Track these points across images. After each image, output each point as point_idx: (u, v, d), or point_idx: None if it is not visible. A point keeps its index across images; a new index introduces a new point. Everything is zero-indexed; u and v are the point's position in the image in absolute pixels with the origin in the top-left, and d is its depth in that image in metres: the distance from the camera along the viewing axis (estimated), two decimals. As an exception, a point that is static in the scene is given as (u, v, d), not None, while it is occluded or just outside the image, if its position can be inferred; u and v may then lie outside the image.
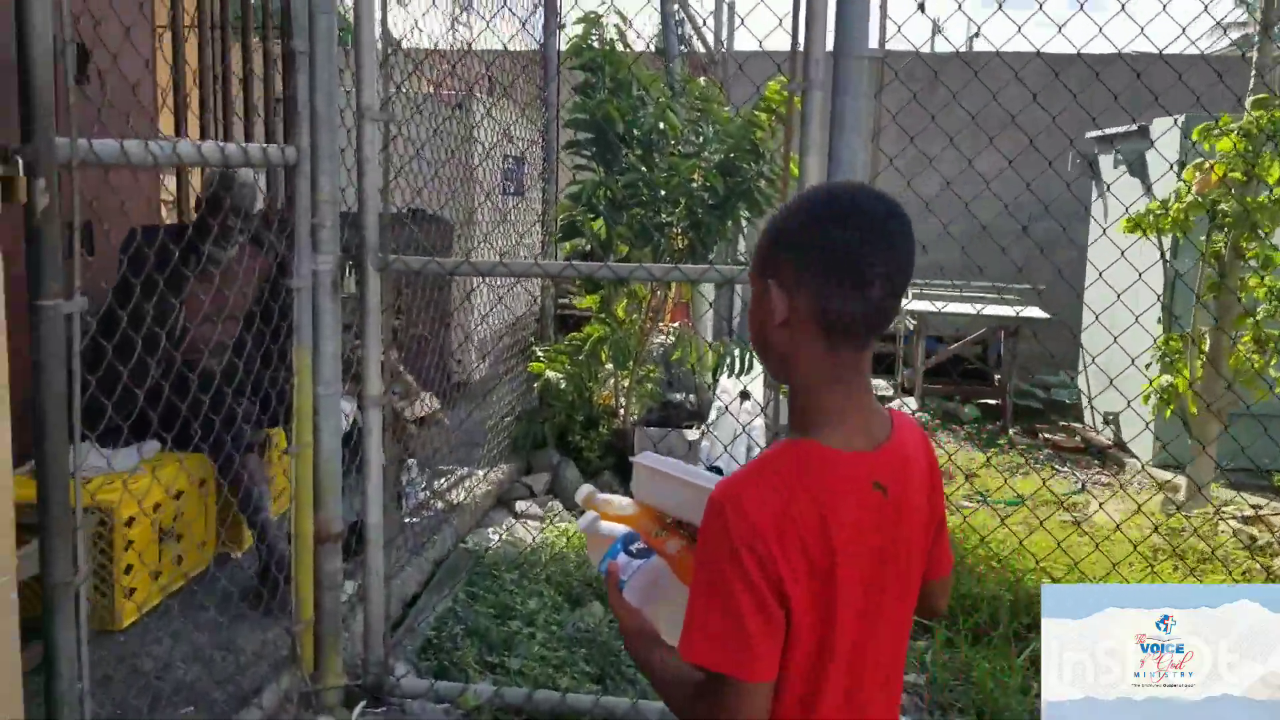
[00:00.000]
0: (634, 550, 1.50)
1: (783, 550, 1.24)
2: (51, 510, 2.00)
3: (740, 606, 1.24)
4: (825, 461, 1.30)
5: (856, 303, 1.30)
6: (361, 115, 2.91)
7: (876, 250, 1.30)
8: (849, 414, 1.34)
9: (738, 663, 1.25)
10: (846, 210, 1.32)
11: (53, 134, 1.93)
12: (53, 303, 1.96)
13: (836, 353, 1.32)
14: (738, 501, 1.25)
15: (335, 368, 3.01)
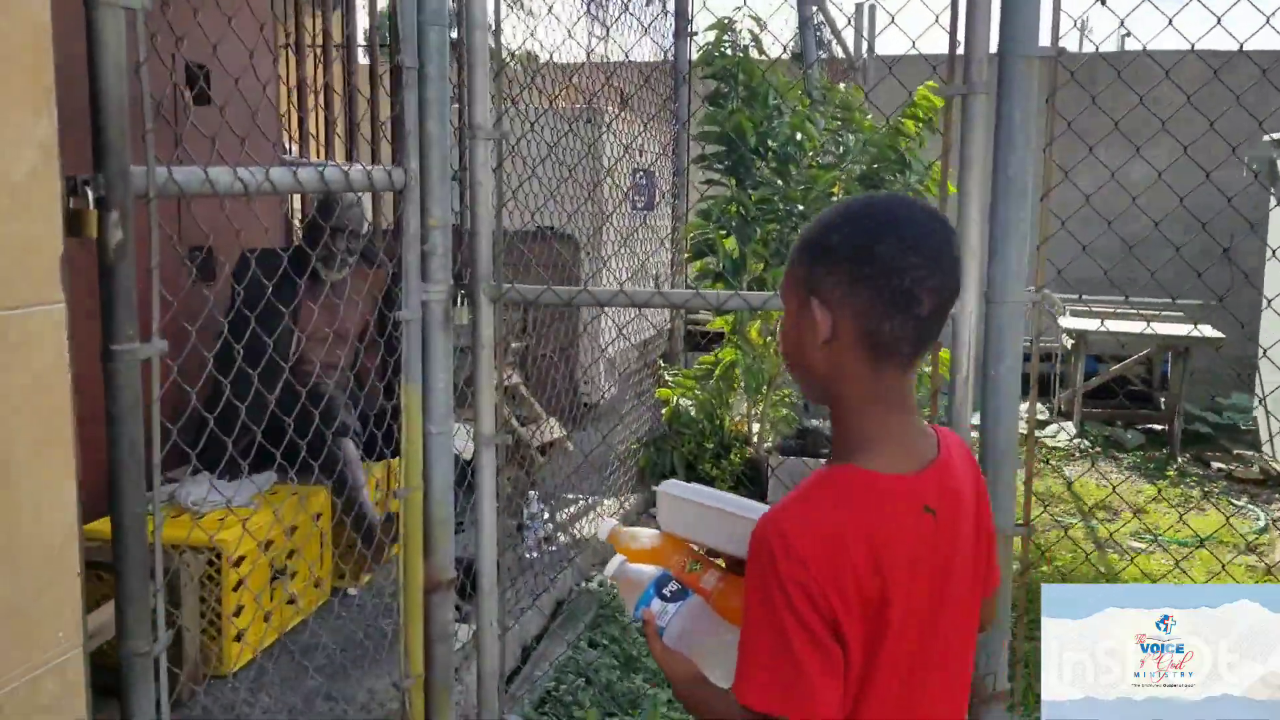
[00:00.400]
0: (668, 594, 1.43)
1: (835, 585, 1.19)
2: (127, 578, 1.82)
3: (795, 645, 1.19)
4: (872, 487, 1.25)
5: (905, 320, 1.24)
6: (474, 134, 2.69)
7: (926, 264, 1.23)
8: (894, 436, 1.29)
9: (797, 705, 1.19)
10: (893, 221, 1.26)
11: (127, 161, 1.75)
12: (127, 347, 1.78)
13: (882, 373, 1.27)
14: (784, 536, 1.20)
15: (448, 405, 2.80)
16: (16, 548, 1.57)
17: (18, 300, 1.55)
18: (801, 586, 1.19)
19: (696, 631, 1.41)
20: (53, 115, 1.61)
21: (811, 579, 1.19)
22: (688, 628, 1.41)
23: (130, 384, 1.78)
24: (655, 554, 1.50)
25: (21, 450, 1.57)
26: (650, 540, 1.53)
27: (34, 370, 1.59)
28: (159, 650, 1.90)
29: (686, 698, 1.38)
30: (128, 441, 1.80)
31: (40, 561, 1.62)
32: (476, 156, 2.71)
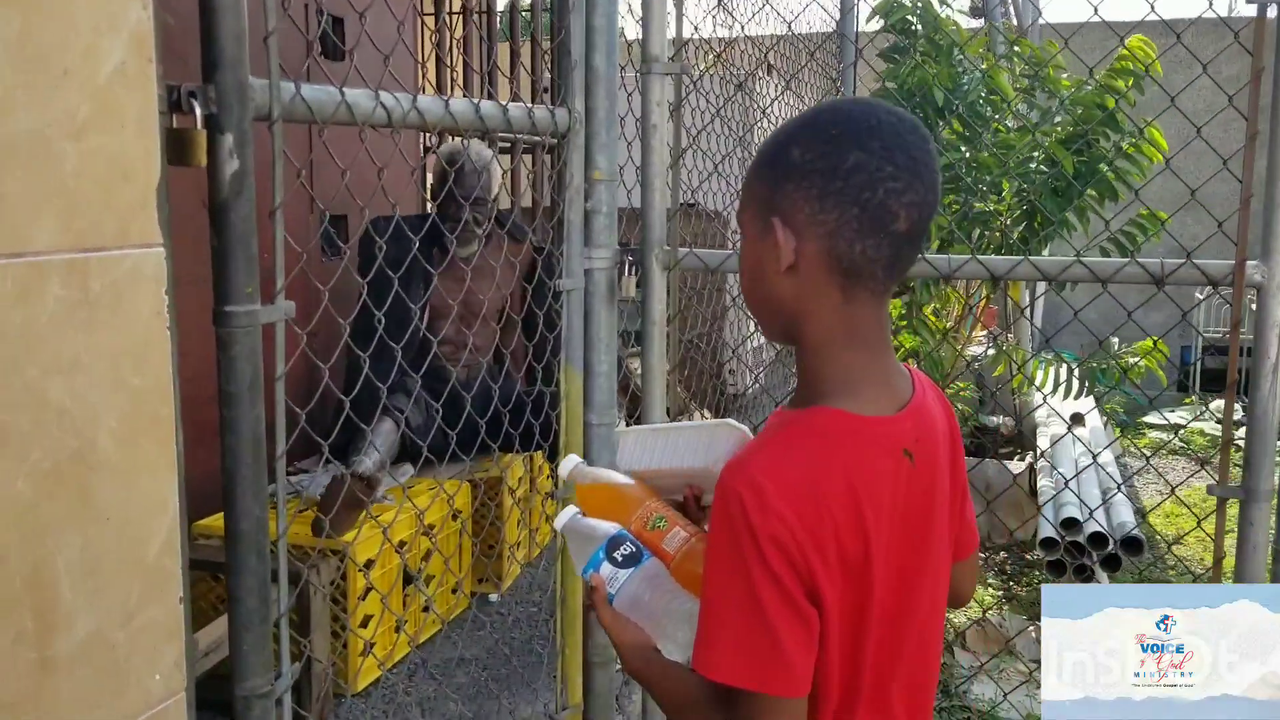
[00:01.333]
0: (619, 558, 1.25)
1: (814, 540, 1.05)
2: (242, 601, 1.44)
3: (769, 611, 1.04)
4: (852, 430, 1.11)
5: (880, 241, 1.09)
6: (648, 67, 2.27)
7: (902, 174, 1.07)
8: (870, 374, 1.15)
9: (770, 677, 1.05)
10: (864, 128, 1.08)
11: (244, 71, 1.37)
12: (245, 308, 1.40)
13: (854, 303, 1.12)
14: (757, 488, 1.04)
15: (611, 392, 2.39)
16: (98, 563, 1.20)
17: (101, 240, 1.18)
18: (777, 543, 1.03)
19: (651, 599, 1.23)
20: (148, 2, 1.23)
21: (789, 535, 1.03)
22: (642, 595, 1.24)
23: (249, 355, 1.40)
24: (615, 505, 1.32)
25: (106, 437, 1.20)
26: (612, 487, 1.34)
27: (123, 332, 1.21)
28: (282, 689, 1.52)
29: (639, 671, 1.21)
30: (246, 427, 1.42)
31: (130, 580, 1.25)
32: (650, 93, 2.29)
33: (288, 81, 1.47)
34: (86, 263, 1.16)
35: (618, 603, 1.24)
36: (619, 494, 1.34)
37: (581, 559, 1.28)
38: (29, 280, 1.10)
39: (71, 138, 1.13)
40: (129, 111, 1.21)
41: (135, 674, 1.26)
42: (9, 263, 1.08)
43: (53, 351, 1.13)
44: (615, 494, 1.34)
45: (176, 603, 1.32)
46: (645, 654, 1.21)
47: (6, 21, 1.06)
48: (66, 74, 1.13)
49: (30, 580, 1.13)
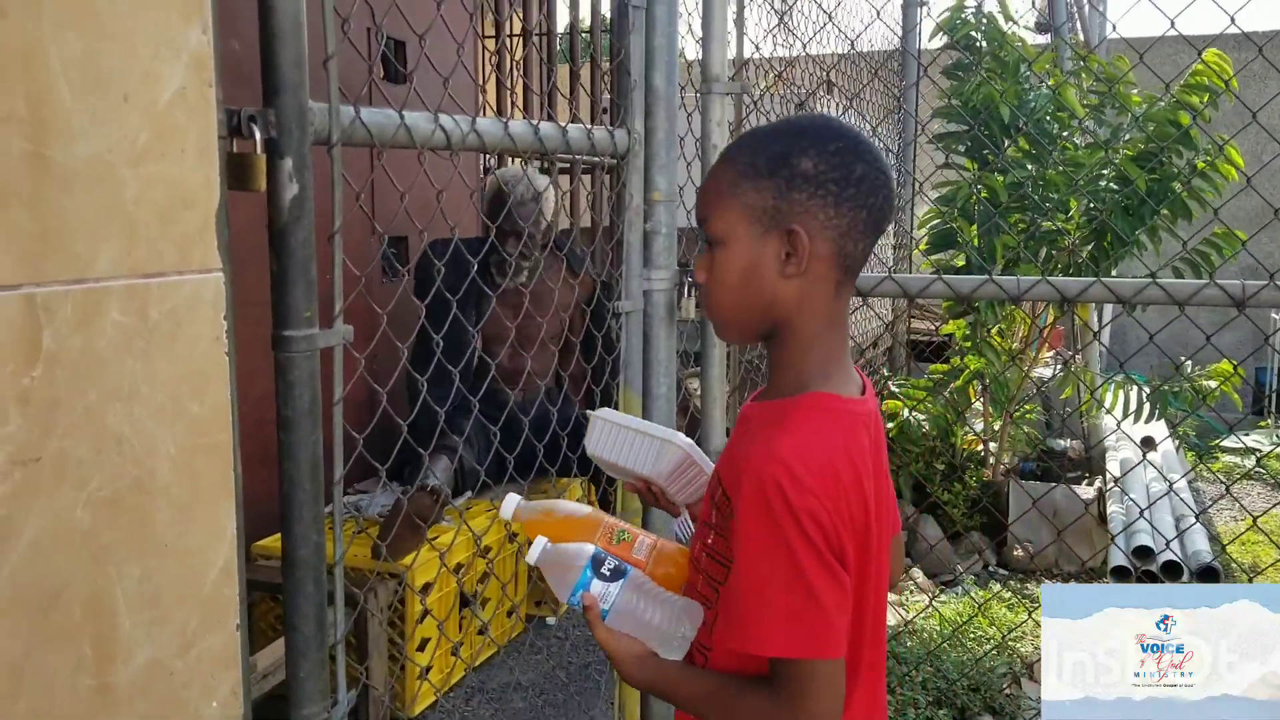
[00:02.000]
0: (607, 573, 1.28)
1: (838, 511, 1.14)
2: (299, 628, 1.43)
3: (814, 581, 1.11)
4: (844, 410, 1.21)
5: (873, 240, 1.23)
6: (708, 87, 2.24)
7: (888, 184, 1.22)
8: (842, 360, 1.26)
9: (822, 642, 1.12)
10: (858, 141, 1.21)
11: (303, 96, 1.36)
12: (304, 332, 1.39)
13: (840, 298, 1.24)
14: (790, 470, 1.12)
15: (670, 415, 2.36)
16: (157, 592, 1.19)
17: (161, 265, 1.17)
18: (815, 518, 1.12)
19: (640, 608, 1.27)
20: (208, 26, 1.22)
21: (823, 509, 1.13)
22: (631, 606, 1.27)
23: (308, 379, 1.39)
24: (573, 529, 1.37)
25: (164, 465, 1.19)
26: (561, 516, 1.40)
27: (182, 359, 1.20)
28: (338, 717, 1.50)
29: (649, 680, 1.26)
30: (304, 453, 1.40)
31: (189, 607, 1.24)
32: (711, 113, 2.26)
33: (347, 105, 1.46)
34: (146, 289, 1.16)
35: (612, 617, 1.27)
36: (573, 519, 1.40)
37: (563, 585, 1.30)
38: (89, 306, 1.09)
39: (131, 163, 1.13)
40: (189, 136, 1.20)
41: (193, 703, 1.25)
42: (70, 289, 1.07)
43: (112, 378, 1.12)
44: (569, 520, 1.39)
45: (234, 630, 1.31)
46: (650, 662, 1.26)
47: (68, 45, 1.05)
48: (127, 99, 1.12)
49: (90, 609, 1.12)
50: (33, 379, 1.04)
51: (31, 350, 1.04)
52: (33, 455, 1.05)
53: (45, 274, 1.05)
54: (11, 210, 1.01)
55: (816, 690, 1.13)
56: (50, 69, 1.04)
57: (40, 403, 1.05)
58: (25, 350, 1.03)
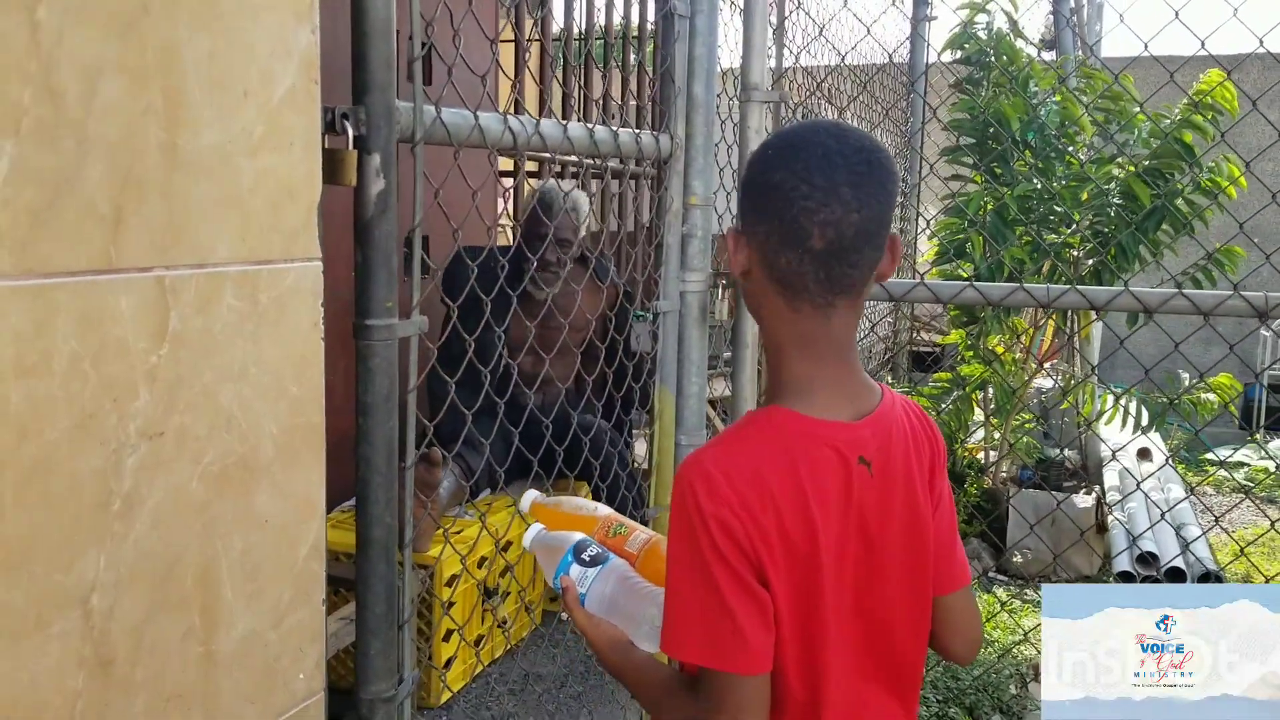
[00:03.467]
0: (587, 559, 1.33)
1: (758, 527, 1.09)
2: (371, 606, 1.48)
3: (722, 591, 1.09)
4: (801, 430, 1.15)
5: (799, 256, 1.13)
6: (748, 95, 2.31)
7: (818, 193, 1.11)
8: (824, 380, 1.18)
9: (730, 654, 1.09)
10: (789, 150, 1.14)
11: (392, 95, 1.42)
12: (385, 322, 1.45)
13: (798, 313, 1.16)
14: (707, 477, 1.11)
15: (701, 413, 2.42)
16: (257, 565, 1.25)
17: (270, 253, 1.23)
18: (726, 528, 1.09)
19: (621, 595, 1.29)
20: (315, 27, 1.29)
21: (736, 520, 1.09)
22: (611, 592, 1.30)
23: (387, 367, 1.45)
24: (575, 522, 1.43)
25: (267, 443, 1.25)
26: (571, 508, 1.47)
27: (285, 342, 1.26)
28: (404, 694, 1.56)
29: (615, 666, 1.26)
30: (381, 437, 1.46)
31: (283, 581, 1.29)
32: (750, 121, 2.33)
33: (428, 105, 1.52)
34: (257, 274, 1.21)
35: (589, 601, 1.30)
36: (577, 513, 1.46)
37: (550, 568, 1.36)
38: (209, 290, 1.15)
39: (248, 155, 1.19)
40: (297, 131, 1.26)
41: (283, 673, 1.31)
42: (194, 273, 1.13)
43: (225, 359, 1.18)
44: (573, 514, 1.46)
45: (319, 605, 1.37)
46: (621, 648, 1.26)
47: (198, 44, 1.11)
48: (246, 95, 1.18)
49: (199, 578, 1.17)
50: (160, 357, 1.10)
51: (159, 330, 1.10)
52: (157, 430, 1.10)
53: (173, 258, 1.11)
54: (148, 198, 1.07)
55: (734, 702, 1.10)
56: (184, 66, 1.10)
57: (165, 380, 1.11)
58: (154, 330, 1.09)
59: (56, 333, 0.99)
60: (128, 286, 1.05)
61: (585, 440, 2.96)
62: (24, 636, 0.98)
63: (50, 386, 0.99)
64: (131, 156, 1.05)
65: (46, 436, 0.99)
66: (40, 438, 0.98)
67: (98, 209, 1.01)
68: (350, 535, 2.05)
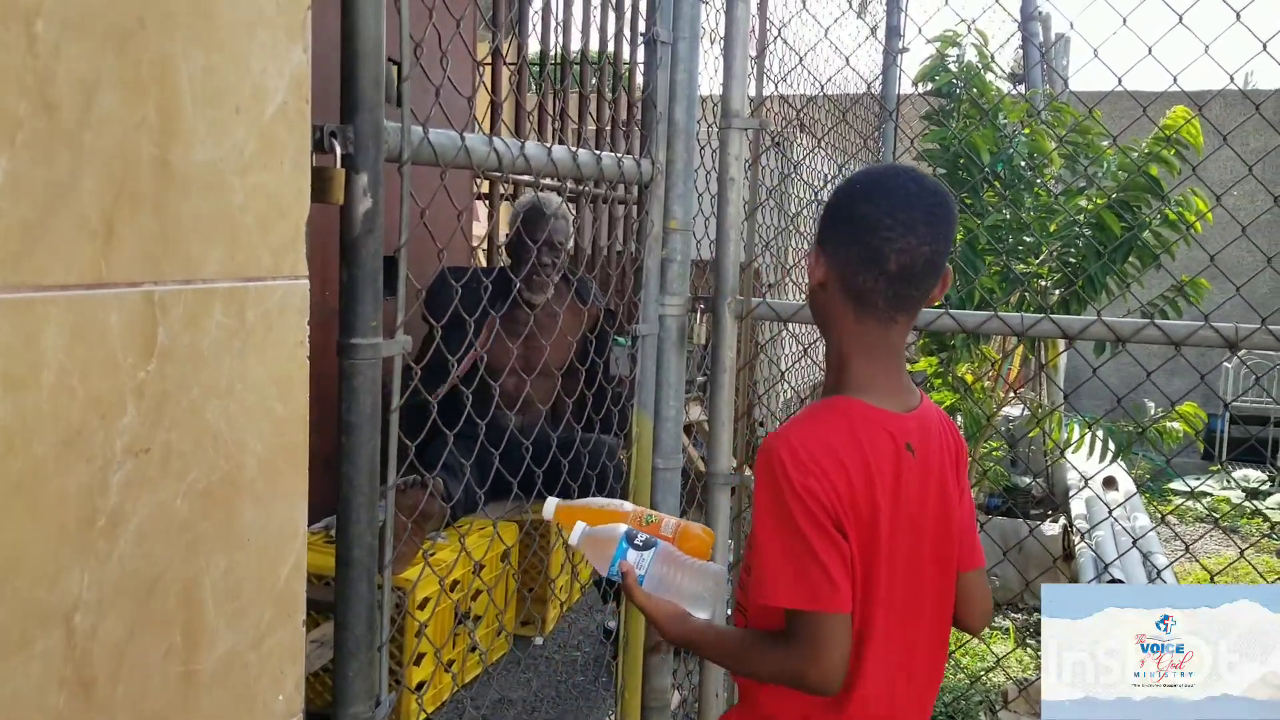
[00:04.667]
0: (640, 544, 1.48)
1: (834, 490, 1.29)
2: (351, 626, 1.47)
3: (811, 542, 1.28)
4: (864, 415, 1.36)
5: (875, 277, 1.35)
6: (727, 121, 2.33)
7: (896, 227, 1.33)
8: (879, 378, 1.40)
9: (821, 596, 1.28)
10: (877, 188, 1.37)
11: (380, 114, 1.43)
12: (370, 341, 1.45)
13: (864, 322, 1.39)
14: (792, 449, 1.30)
15: (678, 437, 2.43)
16: (239, 584, 1.24)
17: (259, 270, 1.23)
18: (810, 491, 1.29)
19: (671, 573, 1.46)
20: (307, 46, 1.29)
21: (818, 483, 1.29)
22: (663, 571, 1.46)
23: (371, 386, 1.45)
24: (606, 516, 1.56)
25: (252, 462, 1.24)
26: (598, 506, 1.60)
27: (271, 360, 1.26)
28: (382, 716, 1.54)
29: (683, 636, 1.43)
30: (364, 457, 1.46)
31: (265, 601, 1.28)
32: (729, 148, 2.35)
33: (416, 125, 1.52)
34: (245, 291, 1.21)
35: (646, 582, 1.46)
36: (606, 509, 1.59)
37: (603, 559, 1.49)
38: (197, 306, 1.14)
39: (239, 171, 1.19)
40: (287, 149, 1.26)
41: (262, 695, 1.29)
42: (183, 288, 1.12)
43: (211, 376, 1.17)
44: (603, 510, 1.59)
45: (300, 626, 1.35)
46: (679, 620, 1.43)
47: (193, 59, 1.11)
48: (238, 111, 1.18)
49: (182, 597, 1.16)
50: (147, 373, 1.09)
51: (148, 345, 1.09)
52: (144, 446, 1.09)
53: (163, 274, 1.10)
54: (140, 212, 1.06)
55: (822, 640, 1.29)
56: (178, 80, 1.09)
57: (152, 396, 1.10)
58: (143, 345, 1.08)
59: (45, 347, 0.98)
60: (118, 301, 1.04)
61: (565, 462, 2.94)
62: (6, 656, 0.97)
63: (38, 401, 0.98)
64: (125, 170, 1.04)
65: (33, 452, 0.97)
66: (27, 453, 0.97)
67: (90, 223, 1.01)
68: (321, 556, 2.04)
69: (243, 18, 1.17)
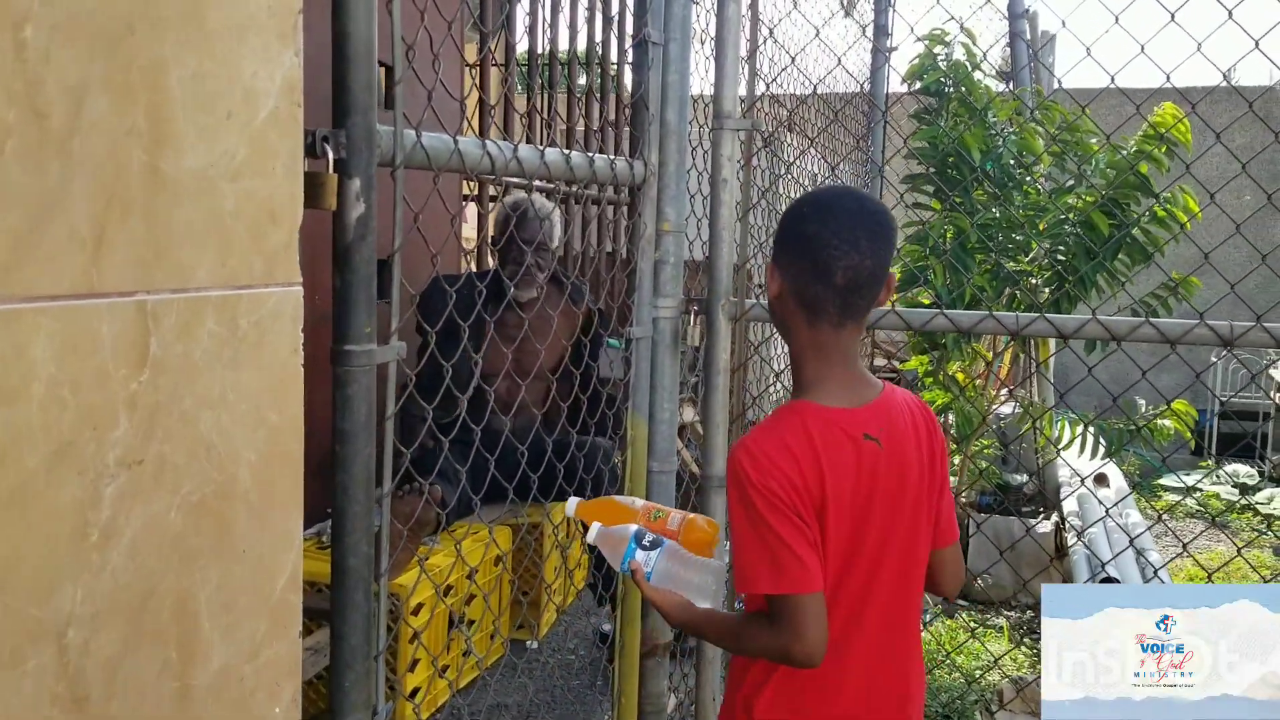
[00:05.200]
0: (647, 543, 1.64)
1: (790, 483, 1.45)
2: (348, 636, 1.46)
3: (781, 531, 1.44)
4: (816, 415, 1.51)
5: (824, 289, 1.51)
6: (720, 123, 2.32)
7: (843, 246, 1.50)
8: (834, 378, 1.55)
9: (796, 579, 1.44)
10: (821, 208, 1.55)
11: (373, 118, 1.41)
12: (364, 348, 1.43)
13: (817, 328, 1.54)
14: (750, 454, 1.47)
15: (672, 439, 2.42)
16: (234, 597, 1.22)
17: (251, 278, 1.21)
18: (769, 487, 1.45)
19: (675, 568, 1.61)
20: (299, 50, 1.27)
21: (775, 480, 1.45)
22: (668, 567, 1.61)
23: (365, 394, 1.43)
24: (621, 513, 1.72)
25: (246, 472, 1.22)
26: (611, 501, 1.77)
27: (265, 369, 1.24)
28: (379, 728, 1.53)
29: (687, 622, 1.60)
30: (360, 465, 1.44)
31: (260, 614, 1.26)
32: (722, 149, 2.34)
33: (409, 129, 1.51)
34: (238, 299, 1.19)
35: (653, 578, 1.61)
36: (619, 505, 1.75)
37: (616, 557, 1.65)
38: (189, 315, 1.13)
39: (231, 178, 1.17)
40: (280, 154, 1.24)
41: (259, 709, 1.27)
42: (175, 297, 1.10)
43: (204, 386, 1.15)
44: (616, 505, 1.75)
45: (296, 638, 1.34)
46: (686, 609, 1.59)
47: (183, 64, 1.09)
48: (230, 116, 1.16)
49: (176, 611, 1.14)
50: (140, 384, 1.07)
51: (140, 356, 1.07)
52: (136, 458, 1.08)
53: (155, 282, 1.08)
54: (130, 220, 1.04)
55: (800, 618, 1.44)
56: (169, 85, 1.08)
57: (145, 407, 1.08)
58: (135, 356, 1.06)
59: (35, 358, 0.96)
60: (109, 311, 1.03)
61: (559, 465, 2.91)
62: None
63: (28, 413, 0.96)
64: (115, 177, 1.02)
65: (24, 465, 0.96)
66: (18, 466, 0.95)
67: (80, 232, 0.99)
68: (315, 563, 2.02)
69: (234, 22, 1.15)
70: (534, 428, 3.04)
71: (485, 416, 2.15)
